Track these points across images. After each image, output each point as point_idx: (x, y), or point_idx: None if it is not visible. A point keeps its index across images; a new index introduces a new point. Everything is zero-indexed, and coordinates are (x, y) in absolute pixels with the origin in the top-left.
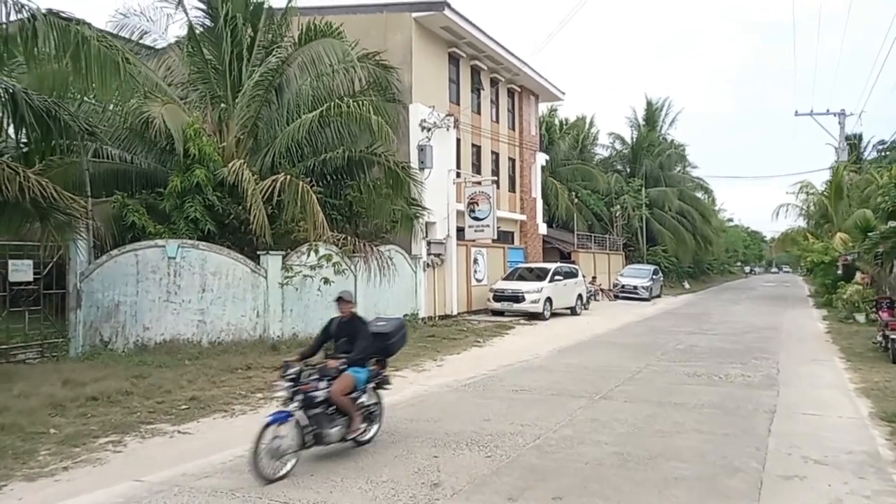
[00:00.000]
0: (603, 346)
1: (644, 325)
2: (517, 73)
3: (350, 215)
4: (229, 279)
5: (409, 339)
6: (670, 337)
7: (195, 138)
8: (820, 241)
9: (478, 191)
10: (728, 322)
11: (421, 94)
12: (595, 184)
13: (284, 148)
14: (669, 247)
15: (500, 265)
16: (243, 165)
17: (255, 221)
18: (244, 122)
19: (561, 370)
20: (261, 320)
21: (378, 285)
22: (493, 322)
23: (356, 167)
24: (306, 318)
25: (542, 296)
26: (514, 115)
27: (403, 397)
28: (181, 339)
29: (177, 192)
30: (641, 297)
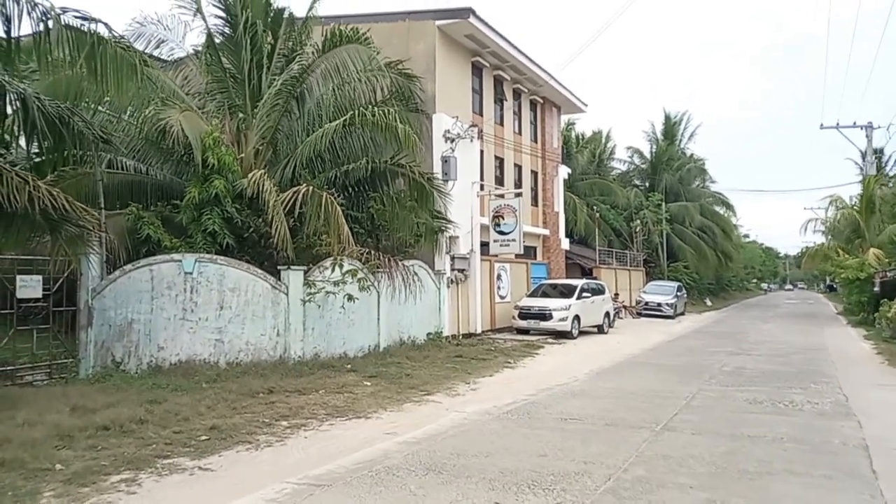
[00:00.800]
0: (642, 367)
1: (678, 344)
2: (541, 84)
3: (371, 229)
4: (248, 296)
5: (437, 359)
6: (712, 358)
7: (214, 147)
8: (852, 257)
9: (503, 204)
10: (767, 342)
11: (444, 105)
12: (614, 199)
13: (306, 159)
14: (691, 263)
15: (523, 281)
16: (264, 176)
17: (276, 234)
18: (263, 133)
19: (607, 395)
20: (281, 340)
21: (402, 302)
22: (519, 341)
23: (379, 178)
24: (328, 338)
25: (571, 313)
26: (537, 127)
27: (442, 426)
28: (197, 360)
29: (194, 203)
30: (666, 315)
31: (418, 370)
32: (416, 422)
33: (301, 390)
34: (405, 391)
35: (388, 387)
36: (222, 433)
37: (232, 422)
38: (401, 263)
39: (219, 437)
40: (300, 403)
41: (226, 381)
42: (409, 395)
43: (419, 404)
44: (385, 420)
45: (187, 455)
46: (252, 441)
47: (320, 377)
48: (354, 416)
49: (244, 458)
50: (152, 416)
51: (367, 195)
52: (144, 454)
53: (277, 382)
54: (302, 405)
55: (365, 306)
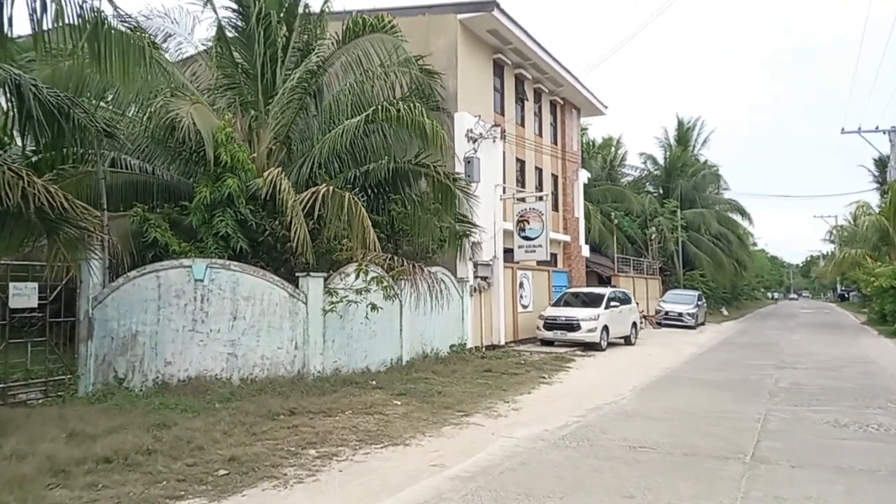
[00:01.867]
0: (688, 383)
1: (714, 357)
2: (561, 84)
3: (391, 233)
4: (264, 305)
5: (465, 373)
6: (759, 372)
7: (227, 144)
8: (884, 265)
9: (528, 207)
10: (806, 353)
11: (466, 103)
12: (628, 205)
13: (323, 158)
14: (707, 271)
15: (545, 290)
16: (281, 174)
17: (295, 238)
18: (277, 131)
19: (666, 417)
20: (299, 353)
21: (427, 312)
22: (547, 353)
23: (401, 179)
24: (349, 351)
25: (600, 324)
26: (556, 129)
27: (494, 456)
28: (208, 376)
29: (205, 204)
30: (687, 325)
31: (449, 387)
32: (463, 450)
33: (326, 411)
34: (440, 412)
35: (420, 406)
36: (243, 466)
37: (253, 451)
38: (426, 270)
39: (240, 472)
40: (327, 427)
41: (241, 400)
42: (445, 416)
43: (459, 427)
44: (426, 448)
45: (205, 495)
46: (279, 476)
47: (344, 395)
48: (390, 442)
49: (272, 500)
50: (161, 445)
51: (388, 197)
52: (154, 494)
53: (299, 402)
54: (329, 429)
55: (387, 316)
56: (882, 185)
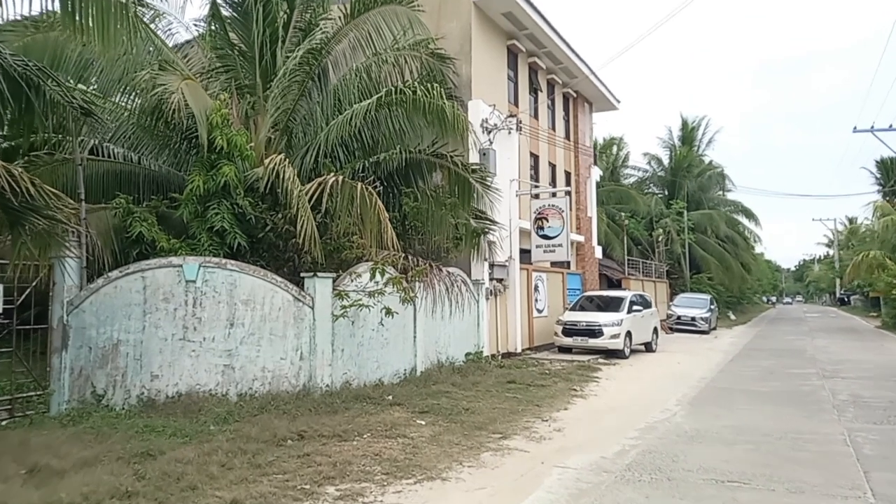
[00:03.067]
0: (735, 396)
1: (746, 365)
2: (575, 75)
3: (403, 230)
4: (265, 310)
5: (488, 386)
6: (806, 382)
7: (223, 127)
8: None
9: (547, 204)
10: (843, 360)
11: (480, 91)
12: (633, 206)
13: (328, 147)
14: (715, 275)
15: (559, 293)
16: (284, 161)
17: (302, 233)
18: (277, 118)
19: (737, 439)
20: (305, 364)
21: (443, 318)
22: (569, 361)
23: (414, 171)
24: (360, 361)
25: (623, 330)
26: (569, 124)
27: (556, 495)
28: (201, 392)
29: (198, 195)
30: (700, 330)
31: (474, 402)
32: (514, 486)
33: (340, 434)
34: (473, 433)
35: (448, 427)
36: None
37: (259, 490)
38: (444, 270)
39: None
40: (345, 456)
41: (240, 420)
42: (480, 439)
43: (500, 454)
44: (469, 483)
45: None
46: None
47: (359, 414)
48: (423, 475)
49: None
50: (144, 485)
51: (399, 191)
52: None
53: (308, 423)
54: (348, 458)
55: (400, 322)
56: (884, 187)
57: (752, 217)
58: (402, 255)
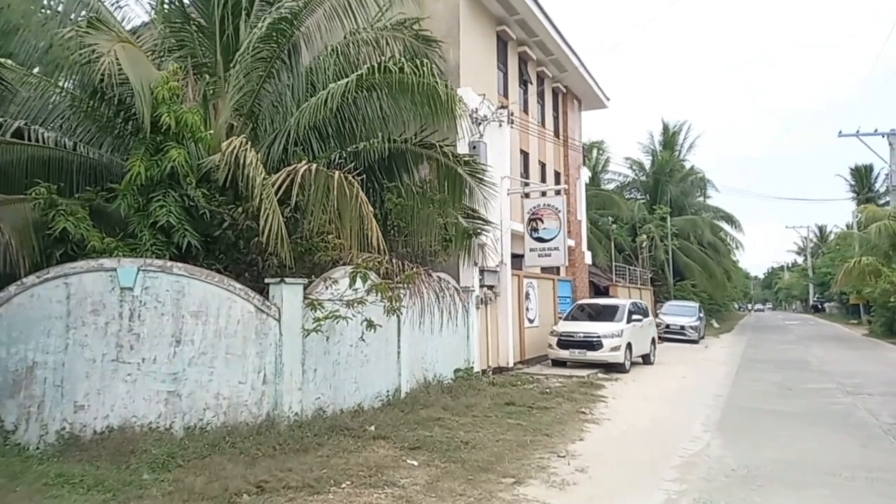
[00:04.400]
0: (764, 418)
1: (754, 379)
2: (565, 68)
3: (385, 230)
4: (221, 323)
5: (484, 409)
6: (832, 400)
7: (171, 102)
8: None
9: (542, 204)
10: (855, 374)
11: (469, 79)
12: (616, 212)
13: (300, 133)
14: (699, 281)
15: (550, 301)
16: (245, 145)
17: (266, 230)
18: (240, 101)
19: (799, 480)
20: (269, 389)
21: (432, 330)
22: (565, 377)
23: (398, 163)
24: (336, 383)
25: (623, 341)
26: (559, 121)
27: None
28: (138, 426)
29: (139, 184)
30: (690, 339)
31: (473, 431)
32: None
33: (312, 485)
34: (478, 478)
35: (446, 469)
36: None
37: None
38: (434, 276)
39: None
40: None
41: (184, 465)
42: (488, 486)
43: None
44: None
45: None
46: None
47: (335, 452)
48: None
49: None
50: None
51: (382, 185)
52: None
53: (271, 468)
54: None
55: (382, 336)
56: (858, 194)
57: (734, 223)
58: (387, 257)
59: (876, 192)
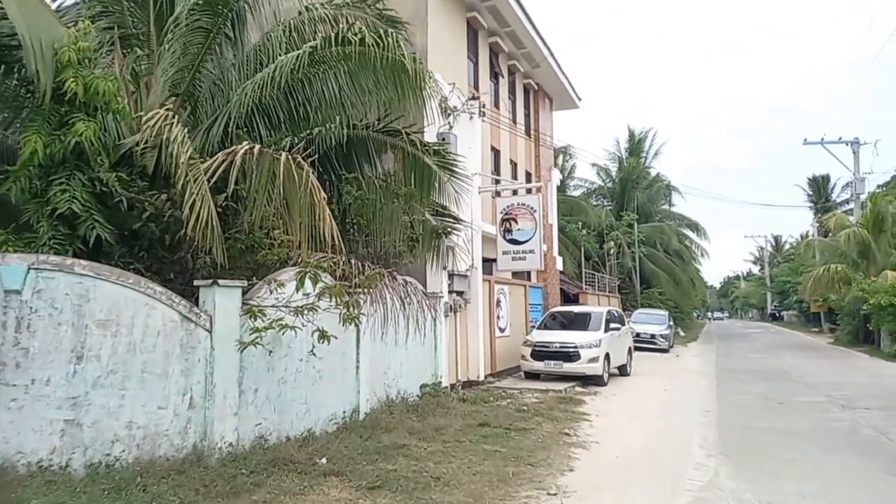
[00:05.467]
0: (767, 438)
1: (739, 391)
2: (537, 63)
3: (344, 229)
4: (136, 335)
5: (455, 433)
6: (830, 416)
7: (78, 67)
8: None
9: (516, 203)
10: (839, 385)
11: (437, 66)
12: (584, 218)
13: (242, 114)
14: (666, 289)
15: (521, 309)
16: (170, 119)
17: (195, 222)
18: (175, 79)
19: None
20: (197, 415)
21: (396, 341)
22: (540, 391)
23: (358, 152)
24: (281, 405)
25: (602, 352)
26: (530, 119)
27: None
28: (23, 464)
29: (36, 164)
30: (660, 348)
31: (444, 463)
32: None
33: None
34: None
35: None
36: None
37: None
38: (400, 279)
39: None
40: None
41: None
42: None
43: None
44: None
45: None
46: None
47: (275, 495)
48: None
49: None
50: None
51: (339, 177)
52: None
53: None
54: None
55: (339, 349)
56: (815, 203)
57: (699, 230)
58: (345, 258)
59: (833, 202)
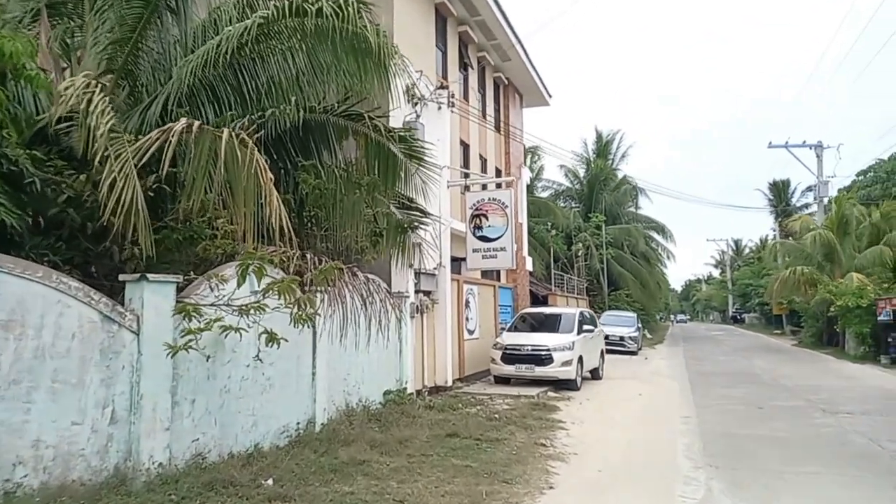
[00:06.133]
0: (752, 448)
1: (715, 396)
2: (508, 56)
3: (300, 222)
4: (45, 338)
5: (422, 445)
6: (815, 422)
7: None
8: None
9: (487, 198)
10: (816, 388)
11: (404, 52)
12: (552, 219)
13: (184, 92)
14: (633, 291)
15: (491, 310)
16: (92, 88)
17: (116, 206)
18: (110, 53)
19: None
20: (120, 431)
21: (357, 344)
22: (512, 396)
23: (317, 137)
24: (223, 419)
25: (575, 355)
26: (500, 114)
27: None
28: None
29: None
30: (629, 350)
31: (409, 482)
32: None
33: None
34: None
35: None
36: None
37: None
38: (361, 275)
39: None
40: None
41: None
42: None
43: None
44: None
45: None
46: None
47: None
48: None
49: None
50: None
51: (295, 164)
52: None
53: None
54: None
55: (292, 353)
56: (775, 208)
57: (665, 233)
58: (298, 251)
59: (792, 206)
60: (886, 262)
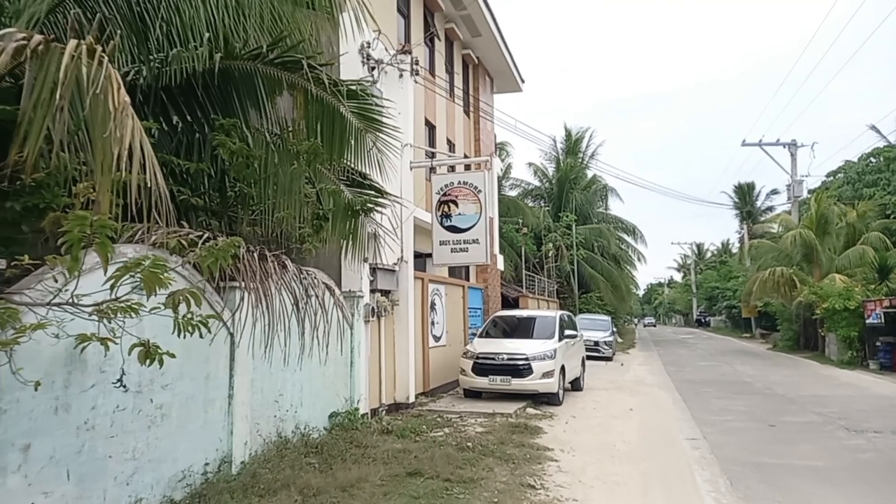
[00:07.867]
0: (791, 480)
1: (716, 411)
2: (479, 31)
3: (222, 200)
4: None
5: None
6: (842, 443)
7: None
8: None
9: (458, 181)
10: (821, 399)
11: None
12: (521, 218)
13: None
14: (605, 294)
15: (459, 314)
16: None
17: None
18: None
19: None
20: None
21: (290, 358)
22: (486, 415)
23: (240, 90)
24: (84, 468)
25: (557, 364)
26: (469, 97)
27: None
28: None
29: None
30: (604, 356)
31: None
32: None
33: None
34: None
35: None
36: None
37: None
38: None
39: None
40: None
41: None
42: None
43: None
44: None
45: None
46: None
47: None
48: None
49: None
50: None
51: (212, 124)
52: None
53: None
54: None
55: (197, 371)
56: (741, 210)
57: (636, 234)
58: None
59: (757, 209)
60: (870, 263)
